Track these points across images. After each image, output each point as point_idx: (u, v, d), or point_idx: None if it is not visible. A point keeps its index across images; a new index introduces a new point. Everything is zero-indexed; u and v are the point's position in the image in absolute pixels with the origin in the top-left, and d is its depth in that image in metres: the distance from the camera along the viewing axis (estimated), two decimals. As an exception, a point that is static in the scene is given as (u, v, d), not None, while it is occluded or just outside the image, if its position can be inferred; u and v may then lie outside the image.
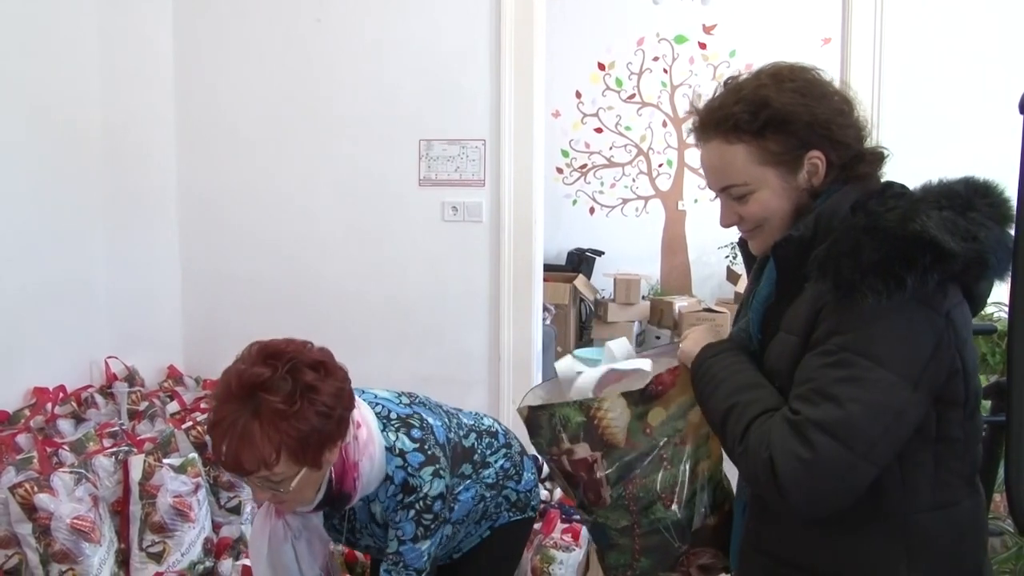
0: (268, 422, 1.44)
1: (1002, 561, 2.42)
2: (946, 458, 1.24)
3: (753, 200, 1.33)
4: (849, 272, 1.14)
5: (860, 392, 1.15)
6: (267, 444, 1.44)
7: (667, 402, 1.41)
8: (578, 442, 1.40)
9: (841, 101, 1.33)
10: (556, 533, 2.85)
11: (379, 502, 1.68)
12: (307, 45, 3.51)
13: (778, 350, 1.28)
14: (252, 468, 1.46)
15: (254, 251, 3.61)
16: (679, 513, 1.43)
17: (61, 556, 2.27)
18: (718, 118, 1.33)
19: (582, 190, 7.25)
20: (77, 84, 3.20)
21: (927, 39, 3.18)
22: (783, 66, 1.35)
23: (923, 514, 1.24)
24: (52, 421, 2.89)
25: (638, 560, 1.46)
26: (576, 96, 7.03)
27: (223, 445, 1.45)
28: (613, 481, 1.41)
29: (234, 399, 1.48)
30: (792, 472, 1.16)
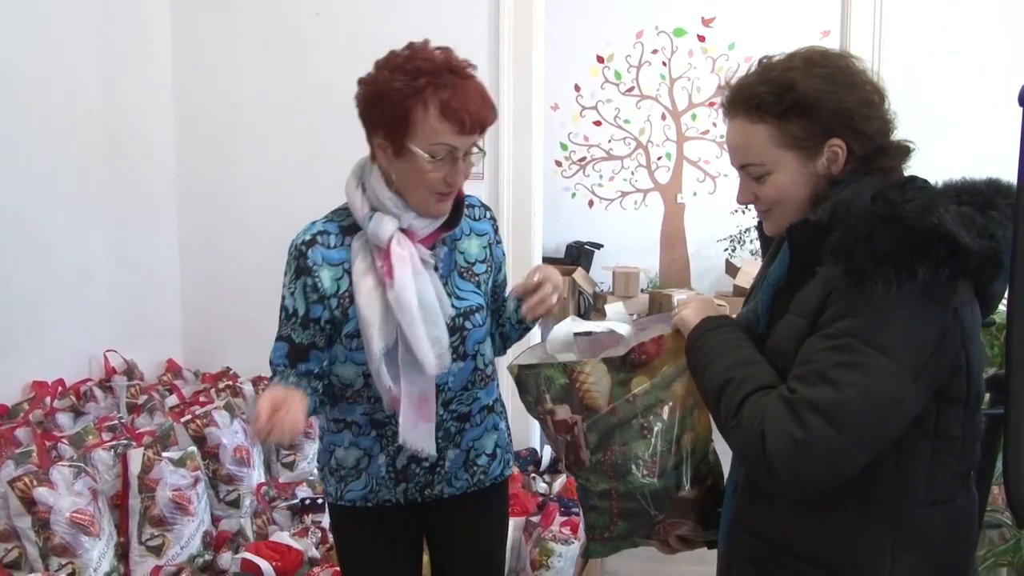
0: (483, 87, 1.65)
1: (1000, 554, 2.42)
2: (943, 454, 1.24)
3: (770, 182, 1.33)
4: (862, 259, 1.14)
5: (859, 378, 1.15)
6: (491, 101, 1.64)
7: (651, 371, 1.42)
8: (560, 403, 1.43)
9: (872, 92, 1.32)
10: (555, 526, 2.86)
11: (468, 236, 1.79)
12: (306, 38, 3.50)
13: (785, 332, 1.28)
14: (490, 122, 1.62)
15: (253, 244, 3.61)
16: (657, 483, 1.43)
17: (60, 550, 2.27)
18: (745, 96, 1.33)
19: (581, 183, 7.24)
20: (76, 77, 3.19)
21: (926, 31, 3.18)
22: (816, 51, 1.34)
23: (915, 508, 1.24)
24: (51, 415, 2.89)
25: (615, 523, 1.48)
26: (575, 89, 7.02)
27: (472, 106, 1.58)
28: (593, 446, 1.43)
29: (448, 70, 1.61)
30: (782, 449, 1.16)
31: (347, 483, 1.83)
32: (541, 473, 3.38)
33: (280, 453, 3.20)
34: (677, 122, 7.01)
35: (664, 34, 6.89)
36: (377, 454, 1.79)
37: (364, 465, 1.81)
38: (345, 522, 1.90)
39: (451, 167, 1.62)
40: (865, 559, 1.25)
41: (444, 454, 1.80)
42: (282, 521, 2.85)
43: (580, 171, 7.23)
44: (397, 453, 1.78)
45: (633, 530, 1.50)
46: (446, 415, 1.77)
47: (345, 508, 1.86)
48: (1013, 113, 1.18)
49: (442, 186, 1.64)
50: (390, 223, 1.66)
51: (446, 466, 1.81)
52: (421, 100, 1.58)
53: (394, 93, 1.60)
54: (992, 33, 3.15)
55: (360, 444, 1.81)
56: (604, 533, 1.51)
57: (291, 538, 2.62)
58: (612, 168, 7.19)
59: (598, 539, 1.52)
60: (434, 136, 1.59)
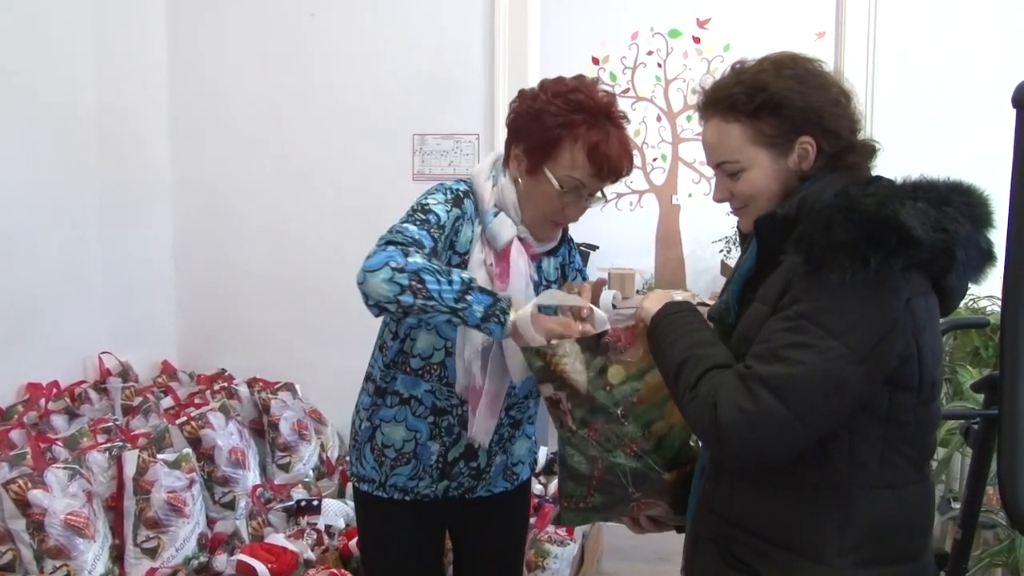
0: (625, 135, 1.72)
1: (995, 554, 2.43)
2: (895, 440, 1.29)
3: (744, 178, 1.41)
4: (820, 248, 1.20)
5: (808, 356, 1.21)
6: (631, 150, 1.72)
7: (628, 363, 1.48)
8: (543, 383, 1.48)
9: (838, 93, 1.39)
10: (551, 527, 2.86)
11: (552, 257, 1.86)
12: (301, 39, 3.50)
13: (750, 319, 1.34)
14: (626, 172, 1.73)
15: (249, 245, 3.61)
16: (638, 463, 1.49)
17: (55, 552, 2.27)
18: (719, 97, 1.41)
19: (576, 184, 7.24)
20: (71, 77, 3.19)
21: (921, 33, 3.19)
22: (786, 55, 1.42)
23: (866, 490, 1.29)
24: (46, 417, 2.88)
25: (592, 495, 1.52)
26: (570, 90, 7.01)
27: (612, 155, 1.67)
28: (578, 422, 1.48)
29: (599, 114, 1.67)
30: (732, 420, 1.22)
31: (394, 468, 1.80)
32: (537, 475, 3.38)
33: (276, 455, 3.20)
34: (672, 123, 7.01)
35: (659, 35, 6.88)
36: (426, 441, 1.78)
37: (412, 449, 1.79)
38: (378, 513, 1.87)
39: (575, 202, 1.72)
40: (817, 537, 1.30)
41: (493, 460, 1.84)
42: (277, 523, 2.84)
43: (575, 172, 7.22)
44: (452, 445, 1.80)
45: (608, 504, 1.54)
46: (505, 419, 1.82)
47: (381, 500, 1.83)
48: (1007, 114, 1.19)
49: (560, 216, 1.74)
50: (511, 228, 1.72)
51: (491, 471, 1.85)
52: (572, 134, 1.66)
53: (550, 118, 1.67)
54: (987, 35, 3.16)
55: (411, 424, 1.78)
56: (579, 503, 1.54)
57: (286, 540, 2.61)
58: (607, 169, 7.18)
59: (572, 508, 1.56)
60: (572, 170, 1.67)
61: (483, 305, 1.51)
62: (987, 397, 1.94)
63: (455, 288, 1.50)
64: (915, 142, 2.85)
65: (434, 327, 1.72)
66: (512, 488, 1.93)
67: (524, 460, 1.94)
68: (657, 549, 3.43)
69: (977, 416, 1.96)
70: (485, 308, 1.51)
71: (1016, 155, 1.17)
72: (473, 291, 1.51)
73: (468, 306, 1.50)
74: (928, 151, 2.94)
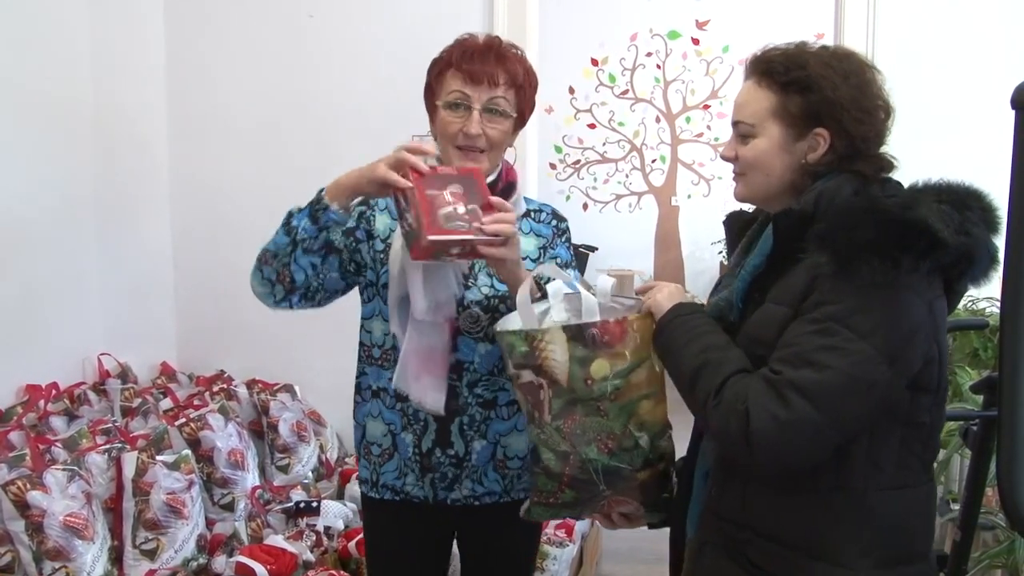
0: (514, 56, 1.78)
1: (994, 555, 2.43)
2: (911, 441, 1.30)
3: (752, 145, 1.40)
4: (847, 247, 1.19)
5: (838, 360, 1.20)
6: (517, 64, 1.76)
7: (613, 359, 1.43)
8: (523, 369, 1.46)
9: (878, 106, 1.38)
10: (550, 529, 2.86)
11: (526, 235, 1.83)
12: (300, 40, 3.50)
13: (764, 320, 1.33)
14: (501, 78, 1.72)
15: (248, 246, 3.57)
16: (610, 460, 1.47)
17: (54, 553, 2.27)
18: (761, 60, 1.41)
19: (575, 186, 7.25)
20: (69, 77, 3.18)
21: (919, 34, 3.19)
22: (846, 49, 1.44)
23: (882, 491, 1.29)
24: (45, 418, 2.88)
25: (563, 491, 1.51)
26: (569, 92, 7.02)
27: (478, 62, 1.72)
28: (555, 413, 1.46)
29: (479, 45, 1.76)
30: (764, 427, 1.20)
31: (381, 465, 1.84)
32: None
33: (275, 456, 3.20)
34: (671, 125, 7.02)
35: (658, 37, 6.90)
36: (400, 431, 1.81)
37: (391, 443, 1.83)
38: (376, 515, 1.91)
39: (467, 117, 1.73)
40: (836, 539, 1.30)
41: (471, 445, 1.81)
42: (277, 524, 2.84)
43: (574, 174, 7.24)
44: (423, 433, 1.80)
45: (578, 500, 1.53)
46: (471, 398, 1.79)
47: (375, 501, 1.87)
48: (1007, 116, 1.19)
49: (460, 138, 1.74)
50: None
51: (472, 458, 1.81)
52: (446, 64, 1.77)
53: (434, 65, 1.82)
54: (985, 36, 3.16)
55: (386, 417, 1.82)
56: (550, 498, 1.53)
57: (286, 541, 2.61)
58: (606, 171, 7.20)
59: (544, 503, 1.55)
60: (450, 89, 1.74)
61: (306, 212, 1.70)
62: (986, 399, 1.94)
63: (281, 227, 1.75)
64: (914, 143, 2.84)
65: (379, 312, 1.81)
66: (518, 499, 1.86)
67: (523, 456, 1.86)
68: (656, 551, 3.41)
69: (976, 418, 1.96)
70: (310, 210, 1.69)
71: (1015, 156, 1.18)
72: (295, 214, 1.72)
73: (298, 225, 1.70)
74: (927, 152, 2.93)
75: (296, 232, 1.70)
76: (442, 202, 1.56)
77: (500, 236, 1.56)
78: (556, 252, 1.86)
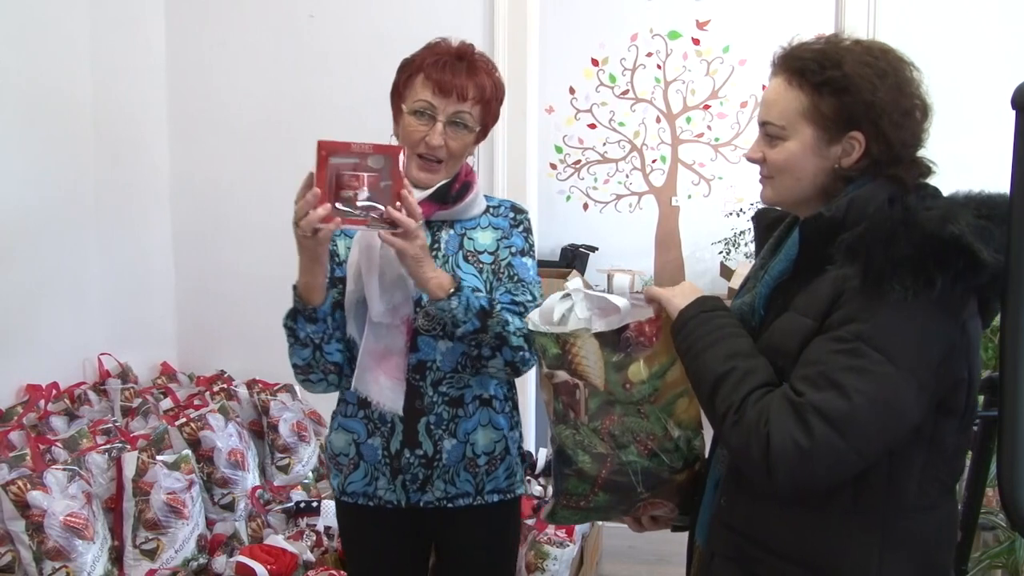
0: (484, 68, 1.78)
1: (994, 555, 2.43)
2: (934, 463, 1.25)
3: (782, 147, 1.33)
4: (880, 262, 1.13)
5: (866, 385, 1.14)
6: (487, 78, 1.76)
7: (650, 360, 1.40)
8: (557, 369, 1.43)
9: (916, 105, 1.31)
10: (550, 529, 2.86)
11: (484, 228, 1.85)
12: (300, 39, 3.50)
13: (786, 329, 1.27)
14: (469, 92, 1.73)
15: (248, 247, 3.60)
16: (650, 462, 1.42)
17: (54, 553, 2.26)
18: (792, 56, 1.33)
19: (576, 186, 7.24)
20: (69, 77, 3.18)
21: (920, 35, 3.19)
22: (880, 44, 1.34)
23: (902, 513, 1.25)
24: (45, 418, 2.88)
25: (596, 493, 1.45)
26: (569, 92, 7.01)
27: (448, 73, 1.72)
28: (592, 413, 1.41)
29: (449, 53, 1.76)
30: (786, 454, 1.15)
31: (347, 474, 1.85)
32: (536, 476, 3.38)
33: (275, 456, 3.20)
34: (672, 125, 7.02)
35: (659, 37, 6.89)
36: (366, 439, 1.82)
37: (356, 452, 1.83)
38: (349, 519, 1.93)
39: (431, 127, 1.73)
40: (853, 562, 1.25)
41: (440, 444, 1.80)
42: (277, 524, 2.84)
43: (575, 174, 7.23)
44: (391, 435, 1.80)
45: (612, 503, 1.48)
46: (436, 397, 1.79)
47: (348, 505, 1.88)
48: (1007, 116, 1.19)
49: (422, 147, 1.75)
50: None
51: (443, 458, 1.80)
52: (417, 69, 1.76)
53: (403, 68, 1.81)
54: (986, 37, 3.16)
55: (347, 426, 1.84)
56: (580, 501, 1.47)
57: (286, 541, 2.61)
58: (607, 171, 7.19)
59: (572, 506, 1.49)
60: (417, 96, 1.74)
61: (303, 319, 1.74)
62: (986, 399, 1.93)
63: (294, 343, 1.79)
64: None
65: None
66: (491, 503, 1.87)
67: (490, 452, 1.84)
68: (656, 551, 3.44)
69: (977, 418, 1.96)
70: (305, 317, 1.73)
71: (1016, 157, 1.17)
72: (295, 327, 1.75)
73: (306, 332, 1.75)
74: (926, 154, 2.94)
75: (310, 338, 1.75)
76: (346, 182, 1.51)
77: (400, 227, 1.55)
78: (512, 241, 1.86)
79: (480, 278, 1.81)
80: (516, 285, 1.82)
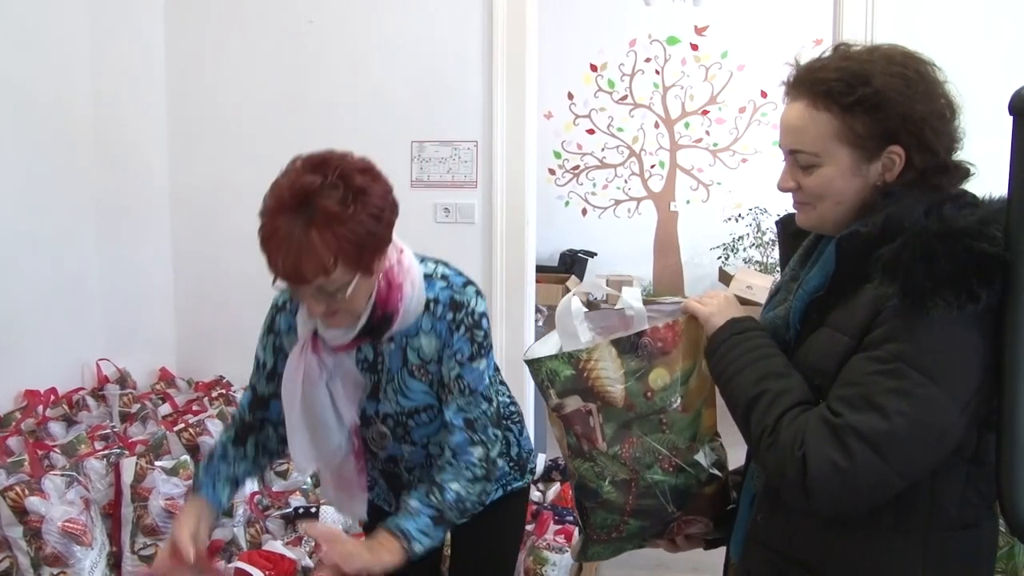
0: (325, 227, 1.44)
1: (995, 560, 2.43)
2: (976, 479, 1.22)
3: (818, 174, 1.27)
4: (922, 278, 1.10)
5: (908, 407, 1.11)
6: (326, 250, 1.44)
7: (670, 364, 1.35)
8: (568, 396, 1.35)
9: (945, 105, 1.27)
10: (549, 534, 2.86)
11: (427, 333, 1.66)
12: (299, 46, 3.50)
13: (823, 347, 1.24)
14: (312, 276, 1.45)
15: (247, 252, 3.56)
16: (677, 479, 1.38)
17: (52, 559, 2.26)
18: (814, 79, 1.26)
19: (574, 191, 7.25)
20: (68, 83, 3.19)
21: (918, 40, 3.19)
22: (900, 49, 1.29)
23: (945, 531, 1.23)
24: (43, 424, 2.88)
25: (626, 522, 1.40)
26: (568, 97, 7.03)
27: (280, 257, 1.45)
28: (610, 438, 1.35)
29: (287, 209, 1.47)
30: (824, 477, 1.13)
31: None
32: (535, 482, 3.38)
33: (274, 462, 3.19)
34: (670, 130, 7.03)
35: (657, 42, 6.91)
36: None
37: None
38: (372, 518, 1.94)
39: (312, 300, 1.55)
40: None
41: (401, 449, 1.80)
42: (275, 530, 2.84)
43: (573, 179, 7.24)
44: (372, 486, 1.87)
45: (645, 528, 1.44)
46: (412, 478, 1.82)
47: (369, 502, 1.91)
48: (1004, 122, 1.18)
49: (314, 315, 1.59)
50: (306, 325, 1.68)
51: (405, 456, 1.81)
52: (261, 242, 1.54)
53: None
54: (983, 42, 3.17)
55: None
56: (612, 532, 1.42)
57: (284, 547, 2.60)
58: (605, 176, 7.20)
59: (603, 540, 1.44)
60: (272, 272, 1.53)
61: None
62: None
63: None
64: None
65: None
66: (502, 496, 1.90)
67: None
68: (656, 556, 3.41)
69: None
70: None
71: (1013, 162, 1.16)
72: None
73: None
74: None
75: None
76: None
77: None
78: (456, 348, 1.66)
79: (431, 391, 1.71)
80: (468, 400, 1.66)
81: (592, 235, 7.21)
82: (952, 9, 3.19)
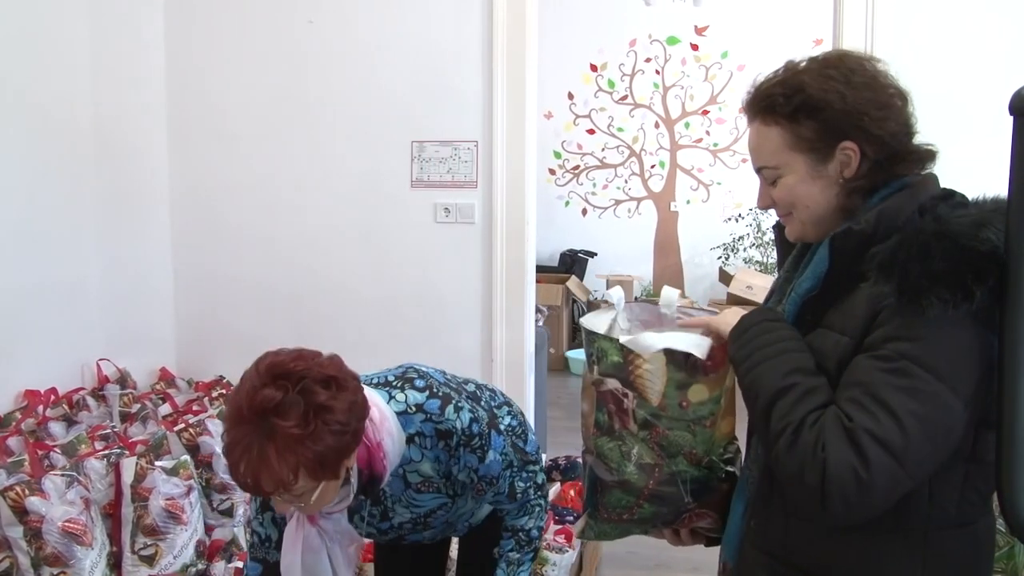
0: (283, 446, 1.38)
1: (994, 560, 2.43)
2: (974, 478, 1.23)
3: (781, 184, 1.33)
4: (917, 277, 1.11)
5: (917, 405, 1.12)
6: (284, 467, 1.38)
7: (713, 385, 1.37)
8: (609, 377, 1.38)
9: (891, 95, 1.29)
10: (549, 534, 2.85)
11: (420, 461, 1.66)
12: (300, 46, 3.50)
13: (820, 348, 1.24)
14: (271, 489, 1.42)
15: (247, 252, 3.61)
16: (699, 471, 1.40)
17: (53, 559, 2.26)
18: (760, 97, 1.33)
19: (574, 191, 7.26)
20: (68, 84, 3.18)
21: (918, 40, 3.19)
22: (835, 53, 1.34)
23: (944, 530, 1.23)
24: (43, 424, 2.87)
25: (642, 505, 1.41)
26: (568, 97, 7.04)
27: (240, 467, 1.40)
28: (640, 423, 1.37)
29: (246, 422, 1.40)
30: (844, 483, 1.12)
31: None
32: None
33: None
34: (670, 130, 7.03)
35: (657, 42, 6.92)
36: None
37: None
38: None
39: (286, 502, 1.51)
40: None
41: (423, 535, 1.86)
42: (275, 530, 2.84)
43: (574, 179, 7.25)
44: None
45: (657, 515, 1.44)
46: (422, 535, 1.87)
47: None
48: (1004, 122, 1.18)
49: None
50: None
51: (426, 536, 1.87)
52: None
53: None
54: (984, 42, 3.17)
55: None
56: (624, 514, 1.43)
57: (285, 547, 2.61)
58: (606, 176, 7.21)
59: (613, 519, 1.45)
60: None
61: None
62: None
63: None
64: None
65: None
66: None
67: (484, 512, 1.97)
68: (655, 556, 3.43)
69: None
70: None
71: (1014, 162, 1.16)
72: None
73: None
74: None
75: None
76: None
77: None
78: (464, 463, 1.68)
79: (441, 494, 1.73)
80: (496, 489, 1.78)
81: (592, 235, 7.22)
82: (952, 9, 3.19)
